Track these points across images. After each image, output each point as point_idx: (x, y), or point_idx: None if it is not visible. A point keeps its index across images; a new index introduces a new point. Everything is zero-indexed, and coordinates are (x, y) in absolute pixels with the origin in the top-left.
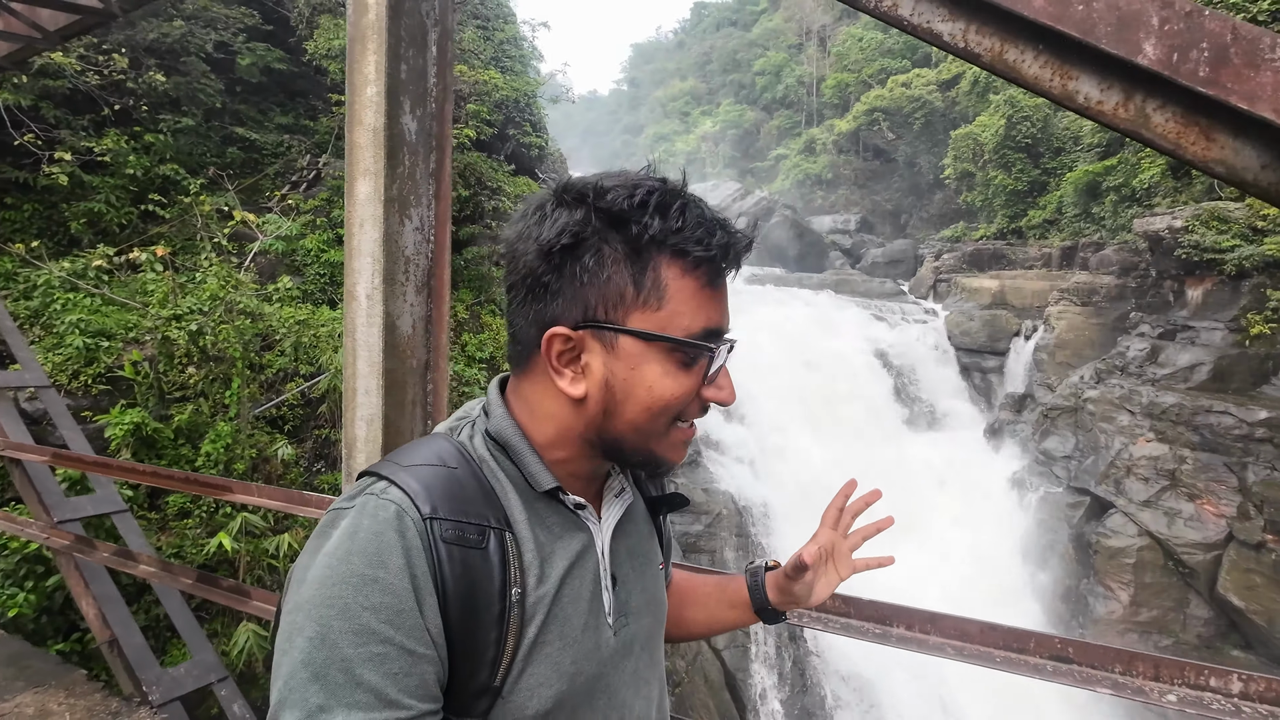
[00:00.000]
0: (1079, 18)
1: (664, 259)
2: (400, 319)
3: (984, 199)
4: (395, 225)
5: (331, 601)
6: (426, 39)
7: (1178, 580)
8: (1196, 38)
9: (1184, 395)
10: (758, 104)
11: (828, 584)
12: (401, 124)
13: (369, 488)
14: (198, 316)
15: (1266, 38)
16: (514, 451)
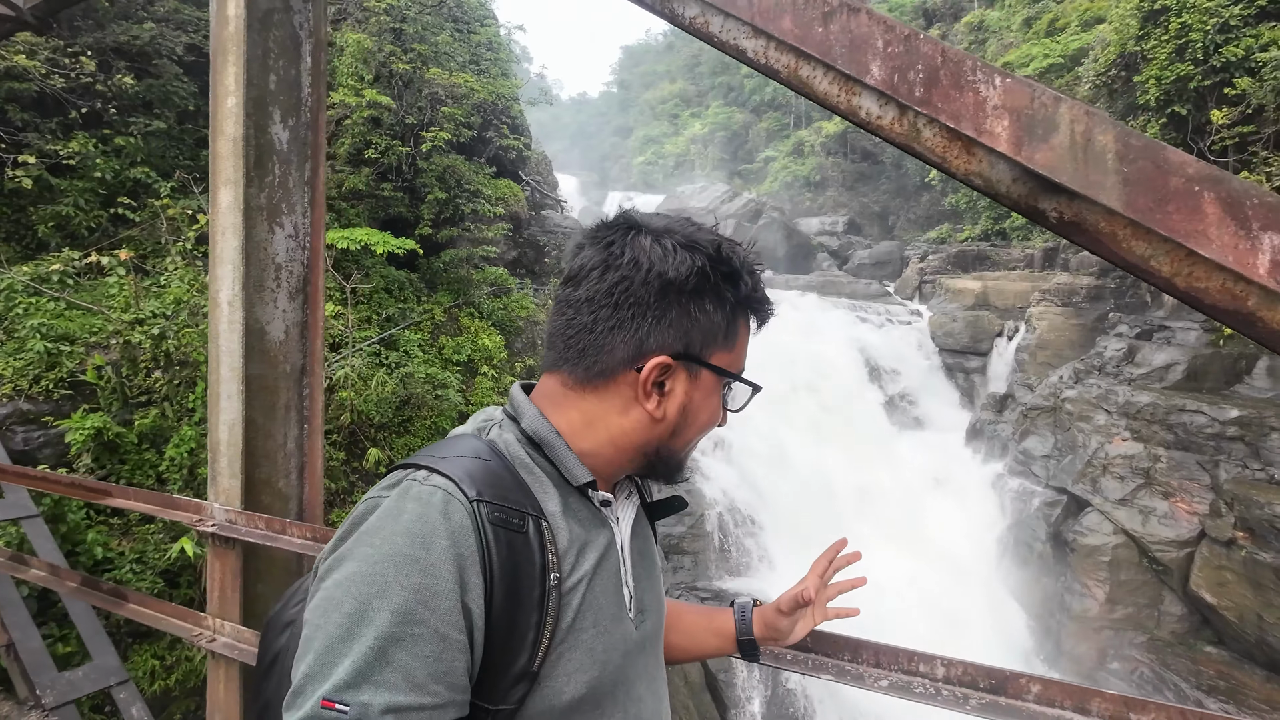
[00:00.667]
0: (818, 40)
1: (741, 316)
2: (271, 325)
3: (968, 201)
4: (264, 233)
5: (372, 579)
6: (300, 50)
7: (1152, 577)
8: (913, 60)
9: (1159, 395)
10: (746, 106)
11: (805, 625)
12: (271, 134)
13: (408, 476)
14: (160, 320)
15: (969, 61)
16: (551, 448)
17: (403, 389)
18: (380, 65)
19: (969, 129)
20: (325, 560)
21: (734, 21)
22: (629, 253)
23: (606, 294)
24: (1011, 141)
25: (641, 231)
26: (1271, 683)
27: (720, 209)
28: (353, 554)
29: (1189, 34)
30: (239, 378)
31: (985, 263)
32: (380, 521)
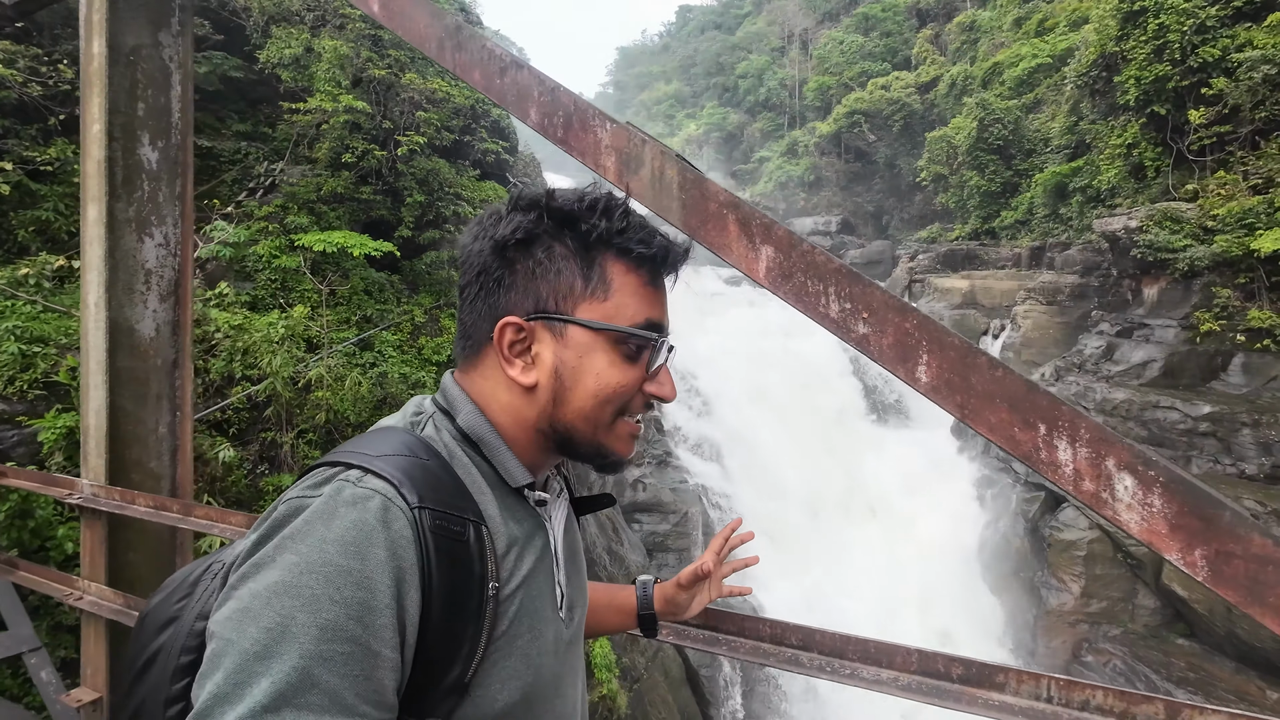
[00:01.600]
0: (498, 89)
1: (610, 256)
2: (141, 324)
3: (958, 200)
4: (134, 242)
5: (297, 591)
6: (170, 80)
7: (1126, 571)
8: (556, 108)
9: (1134, 391)
10: (741, 107)
11: (701, 601)
12: (140, 154)
13: (339, 475)
14: None
15: (591, 109)
16: (489, 448)
17: (379, 389)
18: (358, 71)
19: (590, 163)
20: (239, 566)
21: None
22: (476, 229)
23: (464, 274)
24: (616, 173)
25: (503, 210)
26: (1241, 674)
27: None
28: (275, 561)
29: (1167, 35)
30: (104, 370)
31: (974, 262)
32: (308, 526)
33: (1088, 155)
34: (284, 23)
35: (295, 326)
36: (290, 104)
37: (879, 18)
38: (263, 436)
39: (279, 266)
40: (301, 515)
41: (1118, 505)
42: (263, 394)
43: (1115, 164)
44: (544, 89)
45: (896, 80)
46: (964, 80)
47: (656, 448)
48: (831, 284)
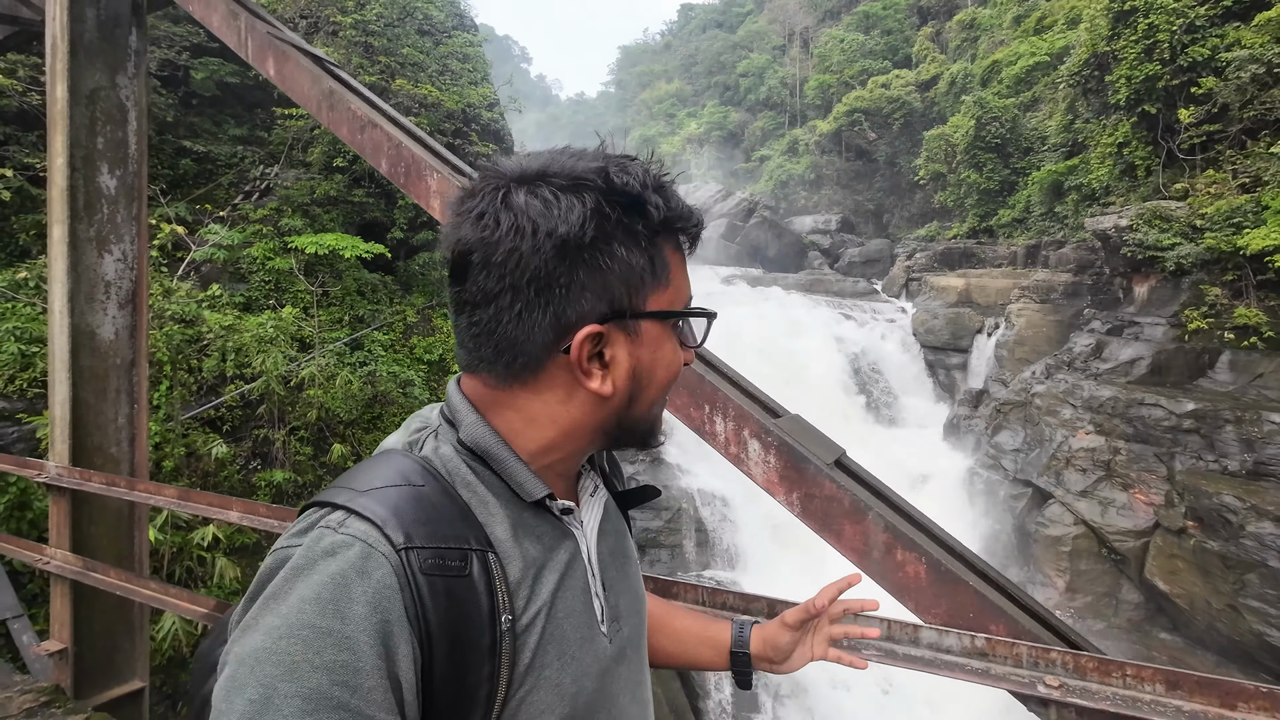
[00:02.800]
0: (359, 142)
1: (663, 243)
2: (101, 328)
3: (956, 198)
4: (94, 258)
5: (278, 658)
6: (126, 116)
7: (1110, 566)
8: (400, 159)
9: (1121, 389)
10: (742, 105)
11: (803, 656)
12: (100, 182)
13: (321, 520)
14: None
15: (425, 161)
16: (497, 461)
17: (370, 388)
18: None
19: (422, 203)
20: (235, 626)
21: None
22: (505, 219)
23: (498, 279)
24: (441, 213)
25: (512, 186)
26: (1222, 668)
27: (713, 208)
28: (257, 624)
29: (1156, 34)
30: (68, 368)
31: (971, 260)
32: (287, 584)
33: (1083, 154)
34: None
35: (286, 326)
36: (283, 109)
37: (880, 15)
38: (255, 433)
39: (273, 268)
40: (283, 570)
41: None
42: (256, 392)
43: (1107, 163)
44: (391, 144)
45: (897, 78)
46: (964, 78)
47: None
48: None
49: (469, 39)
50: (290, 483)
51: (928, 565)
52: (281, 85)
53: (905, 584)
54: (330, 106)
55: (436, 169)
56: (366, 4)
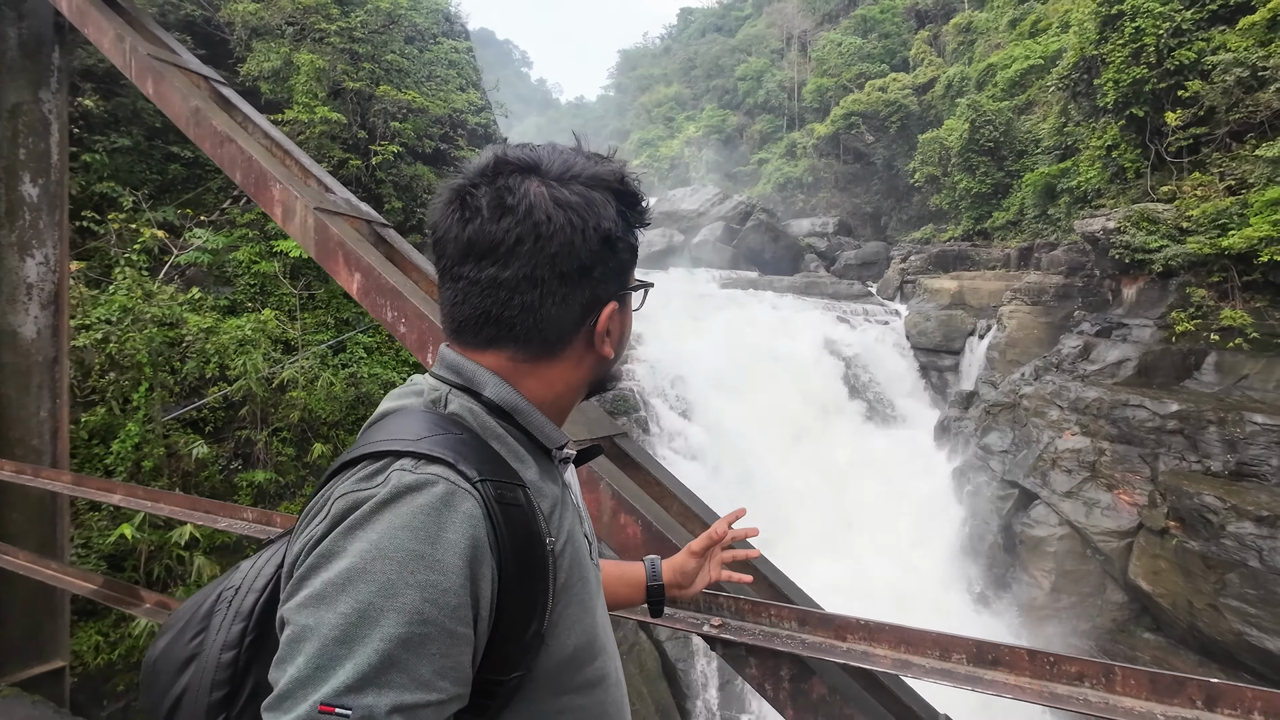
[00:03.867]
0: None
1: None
2: (23, 328)
3: (951, 201)
4: (16, 262)
5: (372, 577)
6: (49, 129)
7: (1095, 567)
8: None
9: (1107, 390)
10: (740, 109)
11: (703, 579)
12: (22, 191)
13: (394, 466)
14: (105, 326)
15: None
16: (524, 415)
17: (353, 389)
18: (335, 83)
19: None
20: (303, 560)
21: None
22: (553, 215)
23: (550, 267)
24: (282, 219)
25: (537, 179)
26: (1204, 667)
27: (711, 210)
28: (345, 549)
29: (1143, 38)
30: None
31: (965, 262)
32: (375, 515)
33: (1075, 157)
34: (265, 36)
35: (267, 328)
36: (270, 116)
37: (877, 19)
38: (238, 434)
39: (258, 271)
40: (364, 506)
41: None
42: (238, 394)
43: (1096, 165)
44: (243, 158)
45: (894, 81)
46: (960, 81)
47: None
48: (388, 299)
49: (455, 45)
50: (272, 483)
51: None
52: (158, 103)
53: (626, 543)
54: (196, 123)
55: (280, 181)
56: (351, 12)
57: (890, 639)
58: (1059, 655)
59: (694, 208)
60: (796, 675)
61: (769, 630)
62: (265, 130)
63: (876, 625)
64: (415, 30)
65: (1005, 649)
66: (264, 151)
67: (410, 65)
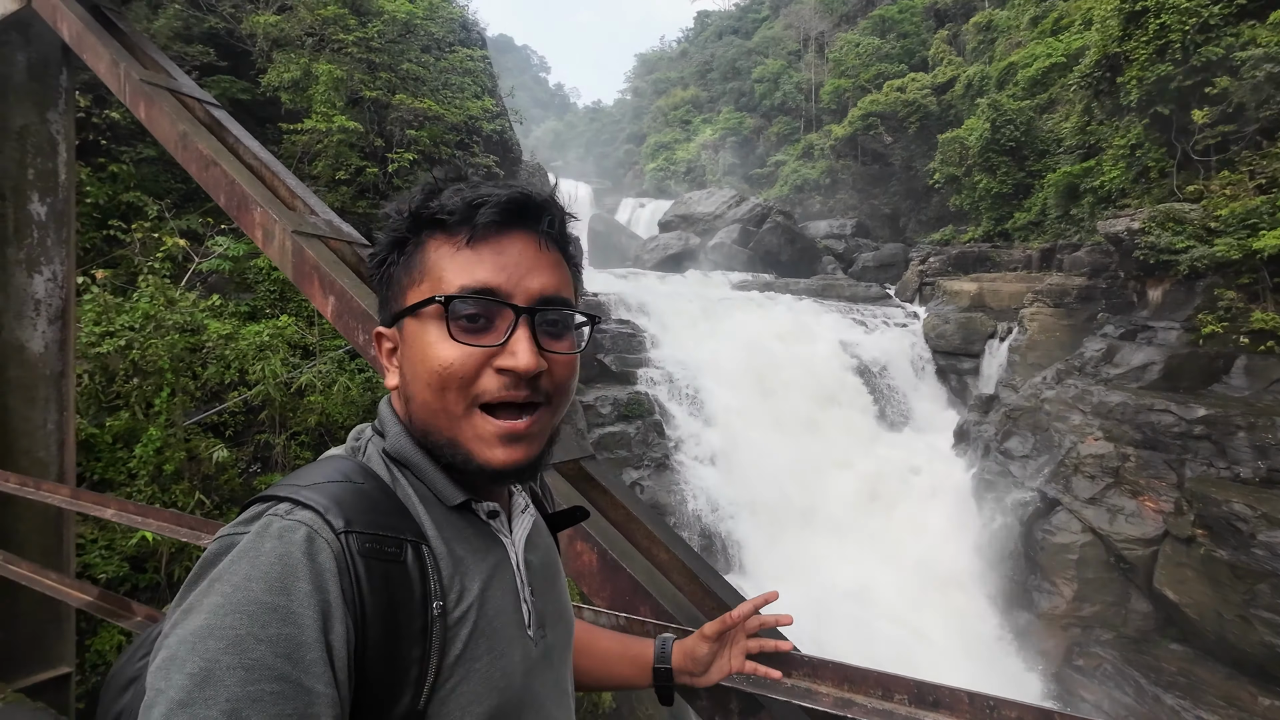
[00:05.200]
0: (204, 178)
1: (428, 239)
2: (31, 343)
3: (971, 202)
4: (24, 279)
5: (222, 633)
6: (56, 149)
7: (1119, 575)
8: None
9: (1131, 394)
10: (757, 111)
11: (720, 668)
12: (30, 209)
13: (269, 510)
14: (128, 333)
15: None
16: (415, 468)
17: (369, 394)
18: (353, 92)
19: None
20: (172, 613)
21: None
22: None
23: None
24: (262, 241)
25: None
26: (1232, 679)
27: (727, 213)
28: (200, 605)
29: (1168, 34)
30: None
31: (985, 264)
32: (233, 565)
33: (1099, 156)
34: (285, 47)
35: (286, 333)
36: (288, 125)
37: (896, 19)
38: (257, 438)
39: (277, 278)
40: (229, 554)
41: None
42: (257, 398)
43: (1120, 165)
44: (226, 181)
45: (913, 82)
46: (980, 81)
47: (656, 451)
48: (360, 322)
49: (471, 53)
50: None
51: (598, 554)
52: (149, 127)
53: (581, 570)
54: (183, 147)
55: (260, 204)
56: (368, 22)
57: (834, 677)
58: (999, 699)
59: (710, 210)
60: (745, 709)
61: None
62: (254, 153)
63: (820, 662)
64: (431, 39)
65: (945, 690)
66: (248, 175)
67: (426, 73)
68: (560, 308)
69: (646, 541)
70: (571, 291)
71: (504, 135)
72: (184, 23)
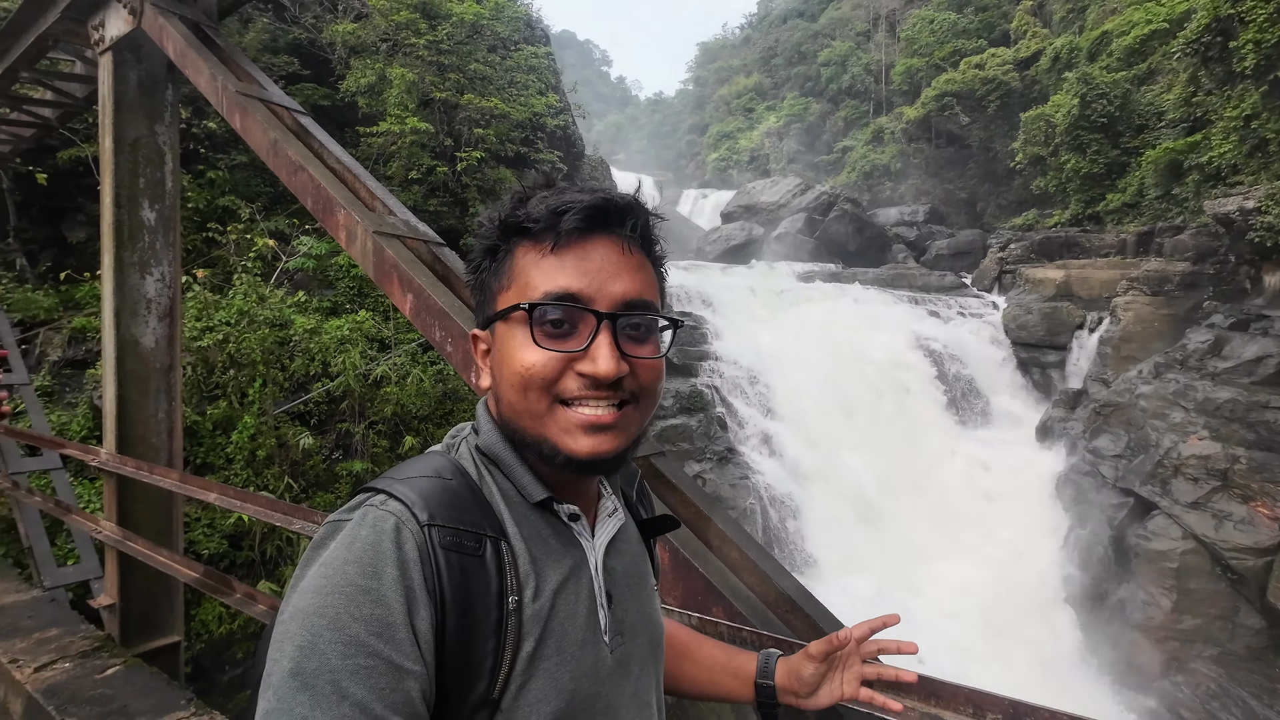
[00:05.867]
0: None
1: (516, 246)
2: (144, 338)
3: (1057, 183)
4: (138, 279)
5: (323, 610)
6: (164, 159)
7: (1226, 587)
8: (320, 197)
9: (1242, 390)
10: (824, 96)
11: (830, 692)
12: (142, 215)
13: (368, 500)
14: (225, 328)
15: (336, 200)
16: (504, 465)
17: (440, 385)
18: (424, 94)
19: (331, 234)
20: (291, 589)
21: None
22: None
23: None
24: (345, 241)
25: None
26: None
27: (791, 202)
28: (308, 584)
29: None
30: (115, 371)
31: (1073, 249)
32: (335, 551)
33: (1206, 130)
34: (362, 54)
35: (364, 327)
36: (365, 128)
37: None
38: (338, 426)
39: (356, 275)
40: (334, 539)
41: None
42: (338, 389)
43: (1232, 139)
44: (313, 185)
45: (993, 57)
46: (1069, 53)
47: (718, 444)
48: (436, 319)
49: (535, 50)
50: (368, 472)
51: (669, 553)
52: (243, 136)
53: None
54: (274, 154)
55: (344, 206)
56: (438, 25)
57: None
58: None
59: (774, 200)
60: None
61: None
62: (337, 156)
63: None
64: (497, 39)
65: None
66: (332, 179)
67: (492, 73)
68: (643, 312)
69: (717, 540)
70: (656, 294)
71: (567, 130)
72: (271, 35)
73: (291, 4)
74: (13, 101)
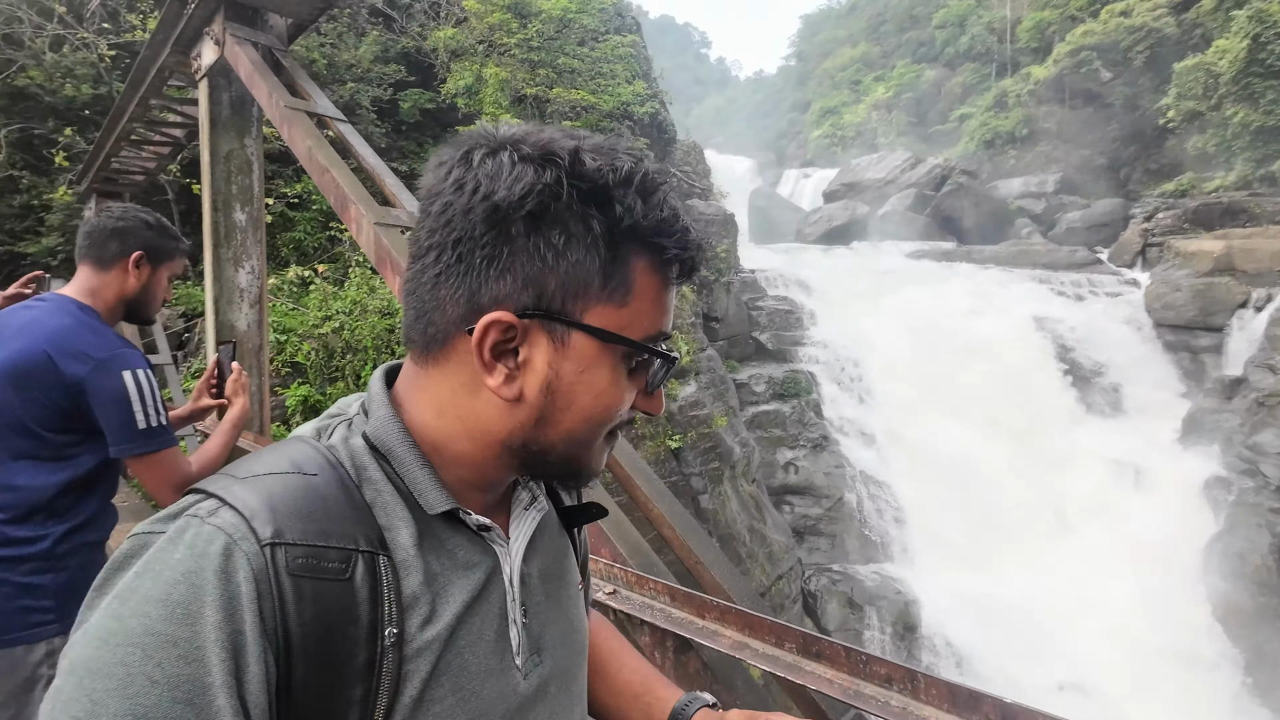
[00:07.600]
0: (323, 183)
1: (636, 250)
2: (239, 322)
3: (1221, 141)
4: (232, 272)
5: (110, 670)
6: (252, 168)
7: None
8: (343, 198)
9: None
10: (939, 61)
11: None
12: (235, 218)
13: (191, 507)
14: (341, 317)
15: (350, 196)
16: (398, 462)
17: None
18: (515, 91)
19: (349, 228)
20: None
21: None
22: (455, 173)
23: (429, 233)
24: (356, 233)
25: (482, 145)
26: None
27: (900, 178)
28: (92, 627)
29: None
30: (214, 348)
31: (1238, 217)
32: (136, 580)
33: None
34: (461, 57)
35: None
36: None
37: None
38: None
39: None
40: (140, 559)
41: None
42: None
43: None
44: (335, 185)
45: (1141, 3)
46: None
47: (813, 431)
48: None
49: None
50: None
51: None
52: (290, 144)
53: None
54: (310, 159)
55: (356, 203)
56: (529, 23)
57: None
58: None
59: (880, 176)
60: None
61: (646, 602)
62: (366, 159)
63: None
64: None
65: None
66: (352, 179)
67: (580, 65)
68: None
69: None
70: None
71: (657, 117)
72: (383, 46)
73: (400, 15)
74: (150, 125)
